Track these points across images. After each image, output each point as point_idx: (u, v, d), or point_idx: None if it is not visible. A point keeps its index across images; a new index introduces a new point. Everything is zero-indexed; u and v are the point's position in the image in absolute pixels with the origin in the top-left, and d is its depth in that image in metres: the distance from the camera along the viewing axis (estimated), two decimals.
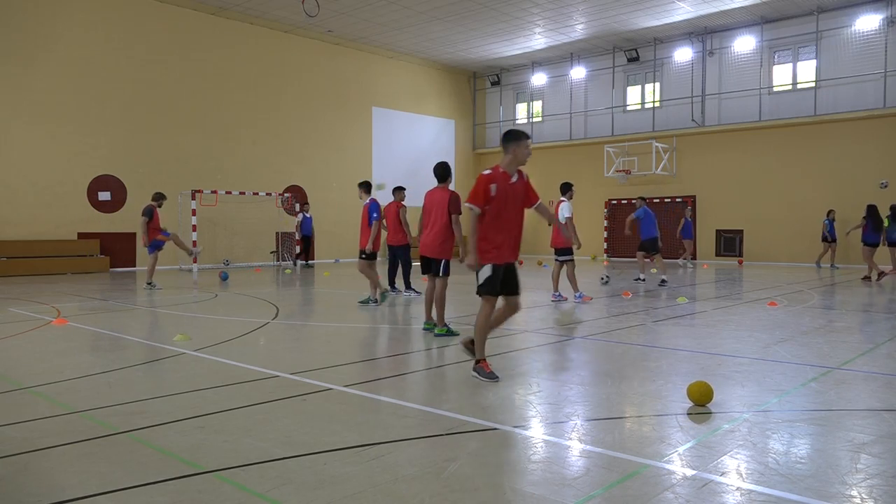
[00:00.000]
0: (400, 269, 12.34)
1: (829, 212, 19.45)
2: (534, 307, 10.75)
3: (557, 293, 11.41)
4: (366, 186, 11.15)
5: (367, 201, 10.65)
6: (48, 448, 3.78)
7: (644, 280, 14.70)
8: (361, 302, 10.91)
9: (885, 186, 19.62)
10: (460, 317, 9.66)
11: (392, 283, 12.48)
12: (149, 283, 13.33)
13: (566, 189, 11.79)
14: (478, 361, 5.47)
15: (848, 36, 20.77)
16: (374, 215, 10.40)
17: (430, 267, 7.82)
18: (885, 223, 15.23)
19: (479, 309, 5.53)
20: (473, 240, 5.43)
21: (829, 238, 19.29)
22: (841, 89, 20.94)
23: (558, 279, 11.65)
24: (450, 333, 7.63)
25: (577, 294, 11.25)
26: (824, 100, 21.25)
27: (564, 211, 11.18)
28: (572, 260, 11.48)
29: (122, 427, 4.17)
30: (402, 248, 12.04)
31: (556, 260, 11.64)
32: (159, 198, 13.61)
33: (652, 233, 14.12)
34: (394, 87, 26.65)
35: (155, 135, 19.97)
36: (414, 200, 29.26)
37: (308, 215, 21.31)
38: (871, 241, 15.02)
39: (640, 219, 14.13)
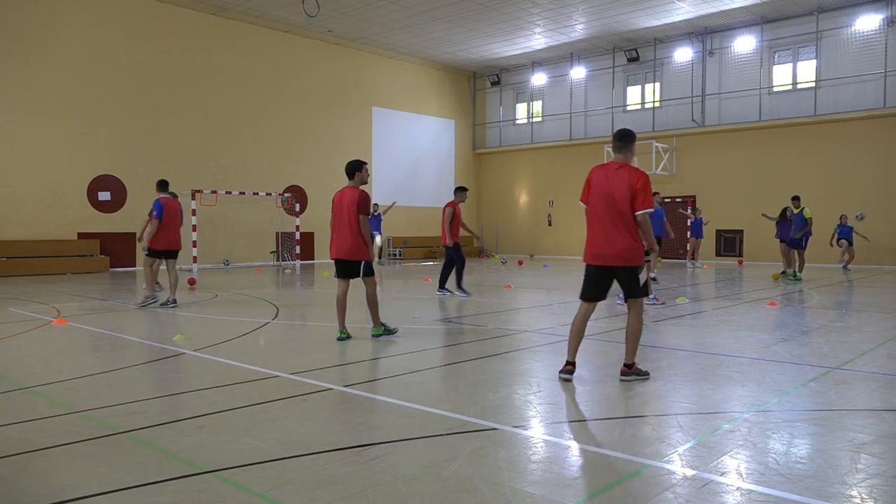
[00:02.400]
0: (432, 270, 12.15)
1: (842, 217, 18.89)
2: (544, 307, 10.73)
3: (653, 297, 10.65)
4: (160, 185, 10.68)
5: (158, 200, 10.40)
6: (48, 448, 3.78)
7: (655, 280, 14.54)
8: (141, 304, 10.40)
9: (862, 218, 19.68)
10: (461, 316, 9.65)
11: (443, 284, 12.16)
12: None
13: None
14: (631, 366, 5.47)
15: (848, 36, 20.76)
16: (155, 213, 10.26)
17: (346, 270, 7.43)
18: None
19: (632, 314, 5.47)
20: (653, 238, 5.46)
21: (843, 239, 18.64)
22: (841, 89, 20.94)
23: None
24: (387, 332, 7.50)
25: (651, 296, 10.39)
26: (824, 100, 21.25)
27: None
28: (648, 262, 10.99)
29: (122, 427, 4.17)
30: (455, 248, 11.86)
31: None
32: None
33: (658, 232, 14.12)
34: (394, 87, 26.66)
35: (155, 135, 19.97)
36: (414, 200, 29.22)
37: (377, 213, 21.78)
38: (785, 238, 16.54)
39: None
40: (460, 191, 12.13)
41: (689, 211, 21.79)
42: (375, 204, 23.13)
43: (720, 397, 4.98)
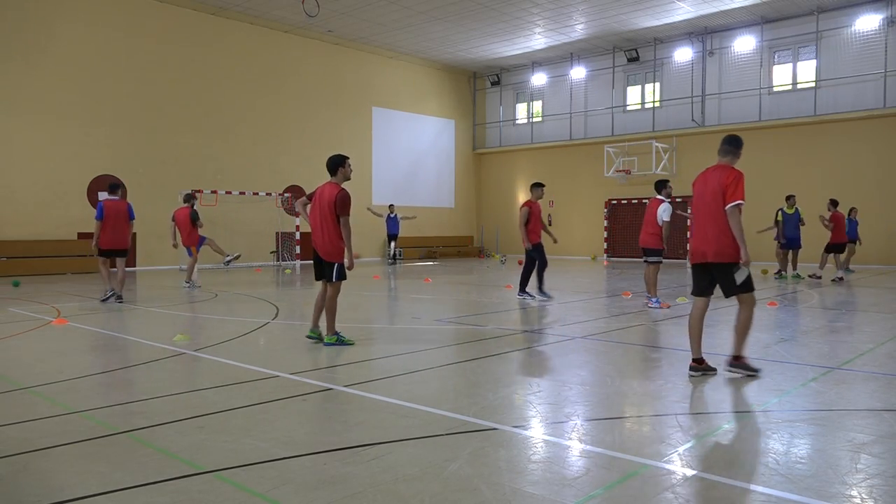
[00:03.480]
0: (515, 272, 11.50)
1: (851, 210, 17.62)
2: (544, 307, 10.73)
3: (655, 298, 10.56)
4: (109, 188, 11.43)
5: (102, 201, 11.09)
6: (48, 448, 3.78)
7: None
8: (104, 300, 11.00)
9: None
10: (461, 316, 9.66)
11: (524, 288, 11.45)
12: (188, 282, 13.56)
13: (663, 186, 10.57)
14: (739, 358, 5.54)
15: (848, 36, 20.76)
16: (96, 215, 10.90)
17: (321, 272, 7.16)
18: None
19: (742, 308, 5.51)
20: (742, 237, 5.52)
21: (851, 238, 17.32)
22: (841, 89, 20.94)
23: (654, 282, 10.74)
24: (340, 343, 6.99)
25: (655, 299, 10.38)
26: (824, 100, 21.25)
27: (664, 214, 10.30)
28: (660, 262, 10.64)
29: (122, 427, 4.17)
30: (536, 249, 11.27)
31: (646, 261, 10.72)
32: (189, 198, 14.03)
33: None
34: (394, 87, 26.66)
35: (155, 135, 19.97)
36: (414, 200, 29.18)
37: (393, 214, 22.28)
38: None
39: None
40: (536, 187, 11.29)
41: (689, 212, 21.78)
42: (391, 205, 23.24)
43: (720, 397, 4.98)
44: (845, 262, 16.17)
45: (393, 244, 22.92)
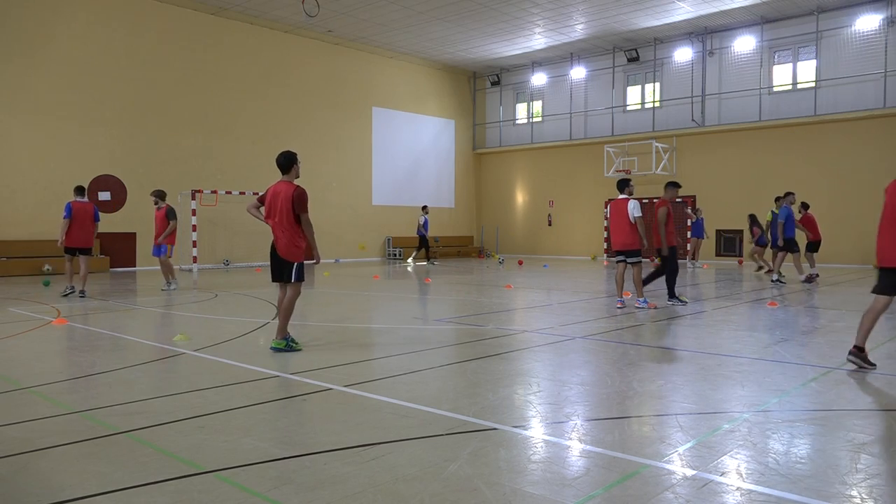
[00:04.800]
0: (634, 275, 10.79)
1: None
2: (544, 307, 10.73)
3: (622, 299, 10.60)
4: (75, 190, 12.27)
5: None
6: (48, 448, 3.78)
7: (778, 280, 14.33)
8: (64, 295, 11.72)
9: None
10: (461, 316, 9.66)
11: (672, 293, 10.84)
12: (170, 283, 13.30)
13: (626, 185, 10.50)
14: (863, 349, 5.89)
15: (848, 36, 20.76)
16: (64, 214, 11.81)
17: (280, 273, 6.88)
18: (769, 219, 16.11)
19: (872, 303, 5.89)
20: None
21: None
22: (841, 89, 20.94)
23: (623, 283, 10.66)
24: (289, 348, 6.70)
25: (642, 300, 10.30)
26: (824, 100, 21.25)
27: (635, 210, 10.19)
28: (640, 262, 10.52)
29: (122, 427, 4.17)
30: (672, 251, 10.75)
31: (626, 262, 10.49)
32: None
33: (789, 233, 14.57)
34: (394, 87, 26.66)
35: (155, 135, 19.97)
36: (414, 200, 29.25)
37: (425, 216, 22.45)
38: (762, 243, 17.56)
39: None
40: (673, 187, 10.89)
41: (690, 210, 21.79)
42: (425, 206, 23.24)
43: (720, 397, 4.98)
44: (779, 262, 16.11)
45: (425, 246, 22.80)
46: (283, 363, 6.20)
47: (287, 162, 6.92)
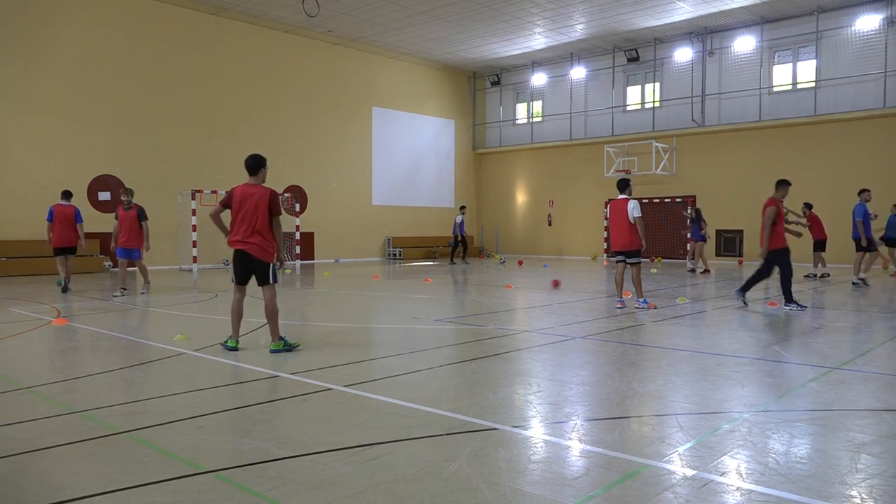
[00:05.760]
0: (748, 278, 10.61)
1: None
2: (544, 307, 10.73)
3: (622, 299, 10.53)
4: (62, 194, 13.09)
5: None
6: (48, 448, 3.78)
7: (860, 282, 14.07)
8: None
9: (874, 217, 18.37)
10: (461, 317, 9.66)
11: (789, 296, 10.10)
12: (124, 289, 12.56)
13: (626, 185, 10.44)
14: None
15: (848, 36, 20.76)
16: (47, 217, 12.73)
17: (245, 274, 6.81)
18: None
19: None
20: None
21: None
22: (841, 89, 20.94)
23: (622, 283, 10.59)
24: (289, 348, 6.72)
25: (642, 300, 10.22)
26: (824, 100, 21.24)
27: (635, 210, 10.10)
28: (640, 262, 10.45)
29: (122, 427, 4.17)
30: (780, 253, 10.14)
31: (626, 262, 10.42)
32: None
33: (856, 234, 14.62)
34: (394, 87, 26.66)
35: (155, 135, 19.97)
36: (414, 200, 29.22)
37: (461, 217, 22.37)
38: (700, 238, 18.40)
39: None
40: (783, 185, 10.35)
41: (689, 211, 21.76)
42: (463, 206, 23.22)
43: (720, 397, 4.98)
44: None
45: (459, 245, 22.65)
46: (284, 363, 6.20)
47: (256, 165, 6.77)
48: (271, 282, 6.79)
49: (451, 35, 23.72)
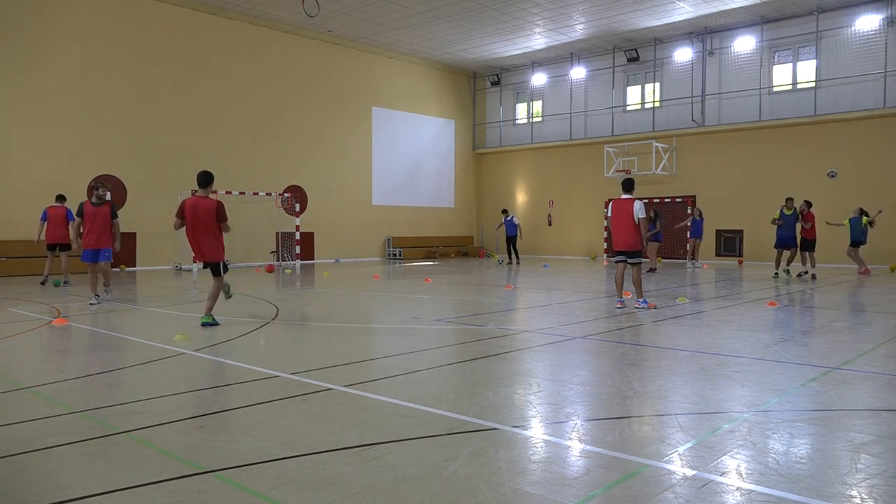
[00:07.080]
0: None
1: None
2: (544, 307, 10.72)
3: (622, 299, 10.53)
4: (56, 198, 14.28)
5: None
6: (48, 448, 3.78)
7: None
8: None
9: (834, 176, 19.21)
10: (461, 317, 9.66)
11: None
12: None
13: (632, 185, 10.47)
14: None
15: (848, 36, 20.76)
16: (40, 217, 14.01)
17: (211, 269, 8.66)
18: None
19: None
20: None
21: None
22: (841, 89, 20.94)
23: (622, 283, 10.59)
24: (214, 323, 8.39)
25: (642, 300, 10.22)
26: (824, 100, 21.24)
27: (641, 211, 10.12)
28: (640, 262, 10.46)
29: (122, 427, 4.17)
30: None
31: (627, 262, 10.42)
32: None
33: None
34: (394, 88, 26.65)
35: (155, 135, 19.97)
36: (414, 200, 29.18)
37: (509, 217, 22.27)
38: (658, 239, 18.56)
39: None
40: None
41: (689, 210, 21.77)
42: (505, 210, 23.21)
43: (720, 397, 4.98)
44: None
45: (510, 246, 22.48)
46: (284, 363, 6.20)
47: (206, 180, 8.39)
48: (223, 273, 8.60)
49: (451, 35, 23.72)
